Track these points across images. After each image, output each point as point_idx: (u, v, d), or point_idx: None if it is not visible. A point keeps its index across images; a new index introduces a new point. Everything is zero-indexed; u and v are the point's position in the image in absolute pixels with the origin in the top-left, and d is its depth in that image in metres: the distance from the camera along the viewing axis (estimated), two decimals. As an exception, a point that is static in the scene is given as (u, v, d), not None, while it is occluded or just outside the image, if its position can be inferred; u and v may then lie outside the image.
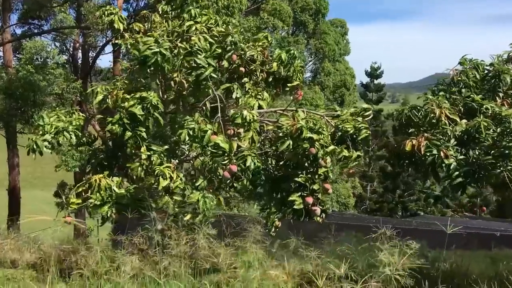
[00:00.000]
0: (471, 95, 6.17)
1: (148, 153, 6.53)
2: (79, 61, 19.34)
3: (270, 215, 8.01)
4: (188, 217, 6.39)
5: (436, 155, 5.68)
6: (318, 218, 6.84)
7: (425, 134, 5.95)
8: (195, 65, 6.14)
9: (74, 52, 19.31)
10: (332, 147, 6.33)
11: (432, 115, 5.94)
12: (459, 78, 6.43)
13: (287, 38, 29.70)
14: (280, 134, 6.19)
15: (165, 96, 7.49)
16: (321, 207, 6.81)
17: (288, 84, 7.91)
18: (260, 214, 8.24)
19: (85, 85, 18.00)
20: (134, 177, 7.26)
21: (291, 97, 8.04)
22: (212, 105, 7.21)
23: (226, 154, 6.16)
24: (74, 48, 19.19)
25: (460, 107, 6.22)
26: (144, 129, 6.58)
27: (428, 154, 5.74)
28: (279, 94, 8.12)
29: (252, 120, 6.38)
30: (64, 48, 19.31)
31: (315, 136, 6.10)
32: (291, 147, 6.15)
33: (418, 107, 6.17)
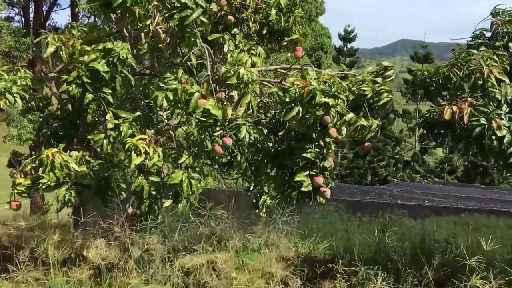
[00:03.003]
0: (522, 51, 5.01)
1: (116, 121, 5.11)
2: (32, 16, 17.13)
3: (261, 194, 6.84)
4: (167, 203, 5.06)
5: (486, 125, 4.52)
6: (322, 199, 5.63)
7: (468, 99, 4.76)
8: (178, 5, 4.67)
9: (26, 3, 17.01)
10: (350, 114, 5.08)
11: (478, 74, 4.74)
12: (505, 30, 5.22)
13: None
14: (287, 99, 4.86)
15: (135, 50, 6.01)
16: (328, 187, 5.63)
17: (286, 38, 6.54)
18: (249, 193, 7.05)
19: (38, 42, 15.84)
20: (99, 150, 5.88)
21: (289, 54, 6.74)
22: (197, 62, 5.81)
23: (218, 123, 4.81)
24: (25, 0, 16.86)
25: (506, 65, 5.04)
26: (109, 91, 5.15)
27: (474, 123, 4.57)
28: (274, 49, 6.76)
29: (250, 80, 5.01)
30: (14, 0, 17.03)
31: (331, 101, 4.82)
32: (300, 115, 4.85)
33: (459, 65, 4.95)
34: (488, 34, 5.54)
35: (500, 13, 5.94)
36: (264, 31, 6.40)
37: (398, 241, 7.89)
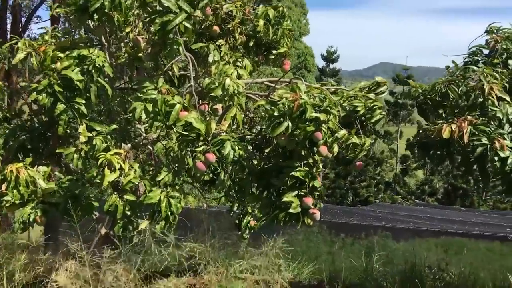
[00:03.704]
0: (522, 68, 4.78)
1: (89, 135, 4.69)
2: (9, 26, 16.57)
3: (244, 215, 6.45)
4: (144, 224, 4.63)
5: (488, 146, 4.24)
6: (310, 221, 5.25)
7: (468, 117, 4.48)
8: (161, 8, 4.31)
9: (3, 13, 16.40)
10: (343, 131, 4.76)
11: (478, 92, 4.48)
12: (504, 47, 5.00)
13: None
14: (275, 113, 4.52)
15: (114, 60, 5.62)
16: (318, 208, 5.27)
17: (273, 51, 6.24)
18: (231, 213, 6.65)
19: (13, 50, 15.13)
20: (71, 165, 5.44)
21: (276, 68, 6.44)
22: (179, 73, 5.45)
23: (200, 138, 4.44)
24: (2, 9, 16.24)
25: (505, 83, 4.80)
26: (83, 101, 4.74)
27: (475, 143, 4.29)
28: (260, 62, 6.44)
29: (236, 92, 4.66)
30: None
31: (322, 117, 4.49)
32: (289, 130, 4.51)
33: (457, 81, 4.69)
34: (486, 51, 5.32)
35: (495, 31, 5.75)
36: (251, 43, 6.08)
37: (385, 265, 7.58)
